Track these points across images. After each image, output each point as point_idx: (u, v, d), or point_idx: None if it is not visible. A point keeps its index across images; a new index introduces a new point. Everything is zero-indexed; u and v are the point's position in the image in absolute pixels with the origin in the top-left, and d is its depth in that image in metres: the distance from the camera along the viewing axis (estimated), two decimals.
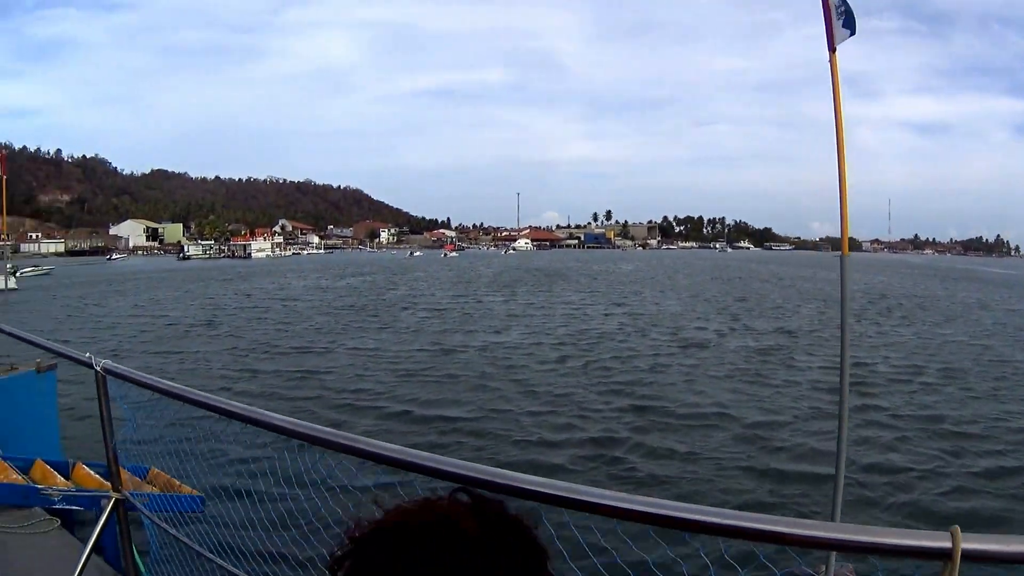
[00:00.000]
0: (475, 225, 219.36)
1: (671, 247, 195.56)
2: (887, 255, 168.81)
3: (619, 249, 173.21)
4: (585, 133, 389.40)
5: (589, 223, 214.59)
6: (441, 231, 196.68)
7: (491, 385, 12.96)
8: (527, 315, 25.80)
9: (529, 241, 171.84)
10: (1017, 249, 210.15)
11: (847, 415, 4.09)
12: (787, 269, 73.93)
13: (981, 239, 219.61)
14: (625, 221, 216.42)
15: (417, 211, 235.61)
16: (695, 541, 1.50)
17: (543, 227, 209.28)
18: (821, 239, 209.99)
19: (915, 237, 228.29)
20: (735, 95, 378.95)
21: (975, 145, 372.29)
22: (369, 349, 17.42)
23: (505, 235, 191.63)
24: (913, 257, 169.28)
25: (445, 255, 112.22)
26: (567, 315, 25.80)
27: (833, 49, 3.98)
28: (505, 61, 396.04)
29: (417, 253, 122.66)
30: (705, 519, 1.21)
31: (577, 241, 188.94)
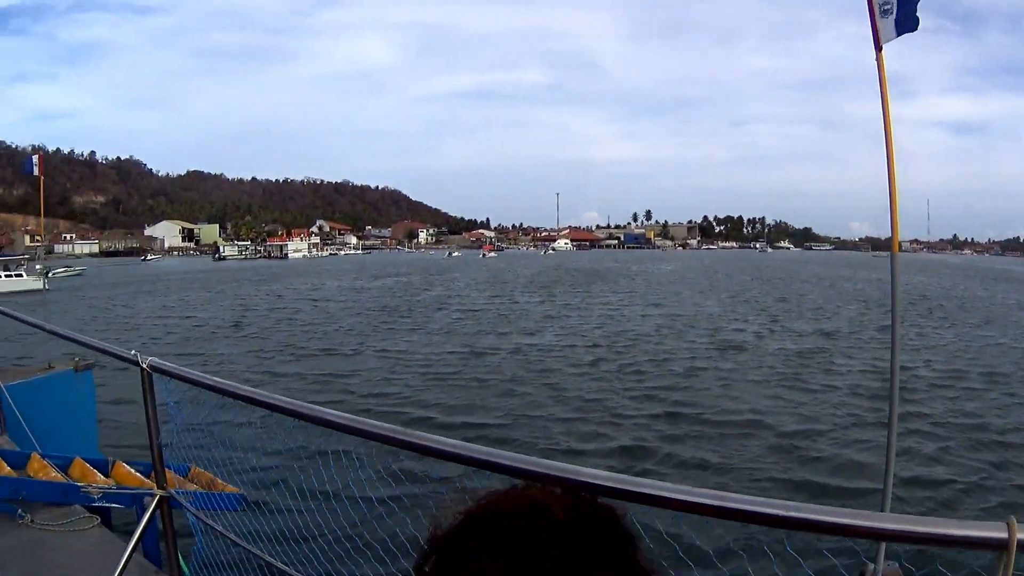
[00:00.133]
0: (514, 225, 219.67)
1: (711, 247, 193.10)
2: (926, 255, 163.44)
3: (659, 249, 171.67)
4: (623, 133, 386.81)
5: (629, 223, 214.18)
6: (480, 231, 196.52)
7: (520, 390, 12.67)
8: (562, 316, 25.61)
9: (569, 241, 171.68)
10: None
11: (897, 405, 4.03)
12: (827, 269, 72.34)
13: (1019, 239, 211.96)
14: (665, 221, 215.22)
15: (456, 211, 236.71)
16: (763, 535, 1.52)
17: (583, 227, 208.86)
18: (860, 239, 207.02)
19: (953, 237, 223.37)
20: (772, 94, 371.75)
21: (1012, 144, 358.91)
22: (398, 351, 17.18)
23: (544, 235, 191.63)
24: (952, 257, 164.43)
25: (484, 256, 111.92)
26: (604, 316, 25.61)
27: (879, 47, 3.89)
28: (542, 61, 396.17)
29: (455, 254, 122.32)
30: (772, 512, 1.21)
31: (617, 241, 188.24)
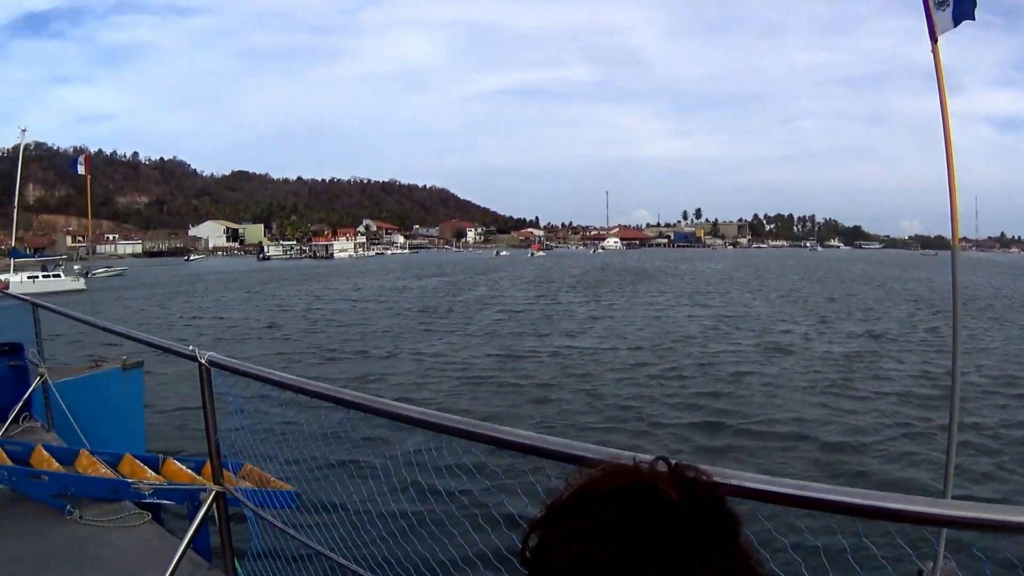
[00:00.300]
0: (564, 224, 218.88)
1: (761, 246, 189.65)
2: (975, 253, 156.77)
3: (709, 248, 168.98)
4: (672, 131, 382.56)
5: (679, 221, 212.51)
6: (529, 230, 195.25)
7: (554, 397, 12.24)
8: (606, 317, 25.27)
9: (618, 240, 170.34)
10: None
11: (959, 387, 4.02)
12: (877, 268, 70.15)
13: None
14: (715, 219, 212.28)
15: (505, 210, 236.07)
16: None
17: (632, 226, 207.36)
18: (910, 237, 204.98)
19: (1001, 235, 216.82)
20: (820, 90, 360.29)
21: None
22: (434, 354, 16.81)
23: (594, 234, 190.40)
24: (1000, 255, 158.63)
25: (532, 255, 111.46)
26: (648, 317, 25.21)
27: (935, 39, 3.81)
28: (590, 58, 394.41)
29: (503, 253, 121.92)
30: (855, 501, 1.23)
31: (667, 240, 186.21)
